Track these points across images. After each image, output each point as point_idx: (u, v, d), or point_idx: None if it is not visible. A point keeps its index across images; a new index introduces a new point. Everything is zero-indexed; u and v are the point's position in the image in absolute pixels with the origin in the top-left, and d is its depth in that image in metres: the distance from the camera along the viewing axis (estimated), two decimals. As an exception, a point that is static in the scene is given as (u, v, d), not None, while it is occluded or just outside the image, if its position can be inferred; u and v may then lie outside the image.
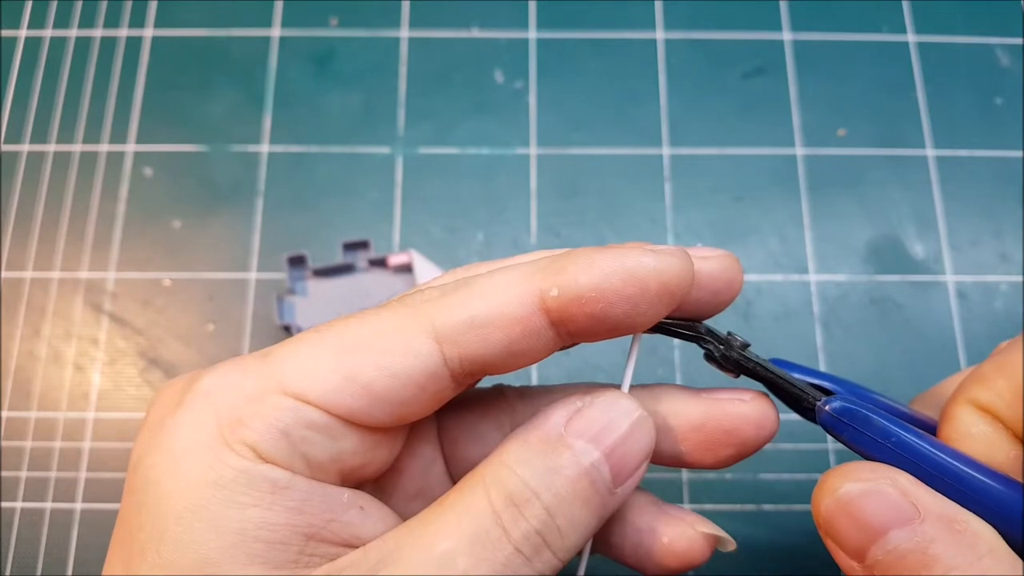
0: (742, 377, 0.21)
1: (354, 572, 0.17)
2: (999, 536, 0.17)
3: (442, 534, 0.17)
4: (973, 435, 0.19)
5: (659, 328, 0.20)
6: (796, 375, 0.21)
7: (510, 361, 0.18)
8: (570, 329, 0.18)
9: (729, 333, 0.20)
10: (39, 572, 0.32)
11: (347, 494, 0.18)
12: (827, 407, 0.19)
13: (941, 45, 0.40)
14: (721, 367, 0.21)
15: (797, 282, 0.36)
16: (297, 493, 0.17)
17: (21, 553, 0.32)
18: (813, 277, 0.36)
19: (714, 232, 0.37)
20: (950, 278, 0.36)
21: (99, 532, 0.32)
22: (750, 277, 0.36)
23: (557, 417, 0.18)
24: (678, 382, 0.34)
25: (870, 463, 0.18)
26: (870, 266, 0.36)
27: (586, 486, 0.17)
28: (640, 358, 0.35)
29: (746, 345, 0.20)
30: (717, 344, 0.20)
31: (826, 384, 0.21)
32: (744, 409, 0.20)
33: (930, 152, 0.38)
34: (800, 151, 0.38)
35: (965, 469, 0.18)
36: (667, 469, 0.33)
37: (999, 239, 0.37)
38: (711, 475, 0.33)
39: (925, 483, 0.18)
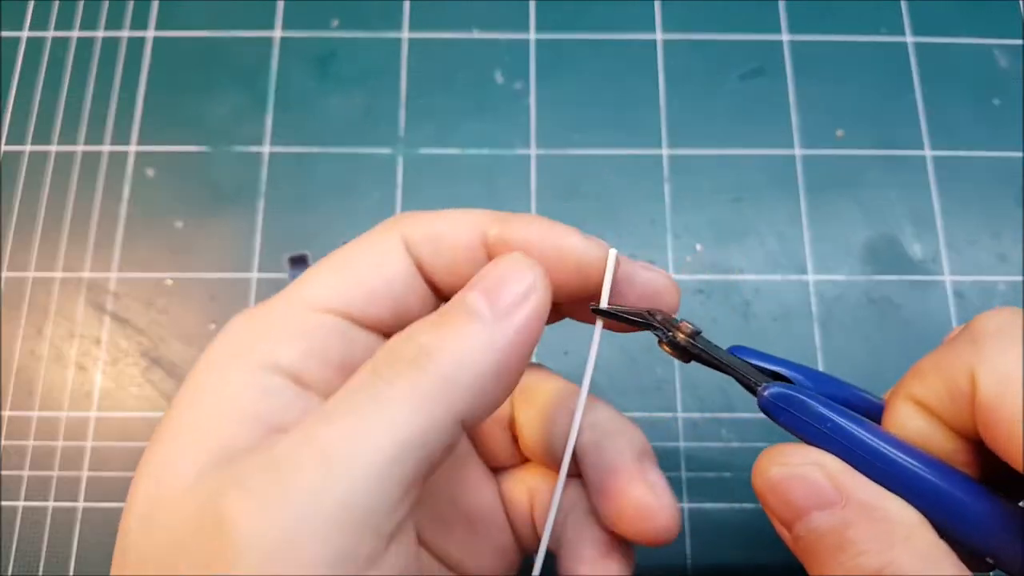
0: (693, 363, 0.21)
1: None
2: (924, 523, 0.18)
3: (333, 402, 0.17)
4: (909, 429, 0.19)
5: (610, 314, 0.21)
6: (753, 361, 0.21)
7: (451, 279, 0.21)
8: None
9: (682, 320, 0.21)
10: (41, 571, 0.32)
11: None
12: (765, 392, 0.20)
13: (939, 46, 0.40)
14: (672, 353, 0.21)
15: (795, 282, 0.36)
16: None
17: (23, 552, 0.32)
18: (811, 277, 0.36)
19: (713, 232, 0.37)
20: (948, 278, 0.36)
21: (101, 531, 0.32)
22: (749, 277, 0.36)
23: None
24: (677, 381, 0.35)
25: (803, 447, 0.19)
26: (868, 266, 0.36)
27: (462, 317, 0.18)
28: (639, 357, 0.35)
29: (696, 332, 0.21)
30: (666, 331, 0.21)
31: (783, 371, 0.21)
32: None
33: (928, 153, 0.38)
34: (798, 152, 0.38)
35: (896, 454, 0.19)
36: (666, 469, 0.33)
37: (997, 239, 0.37)
38: (710, 474, 0.33)
39: (859, 468, 0.19)
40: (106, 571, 0.32)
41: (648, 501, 0.20)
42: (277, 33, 0.40)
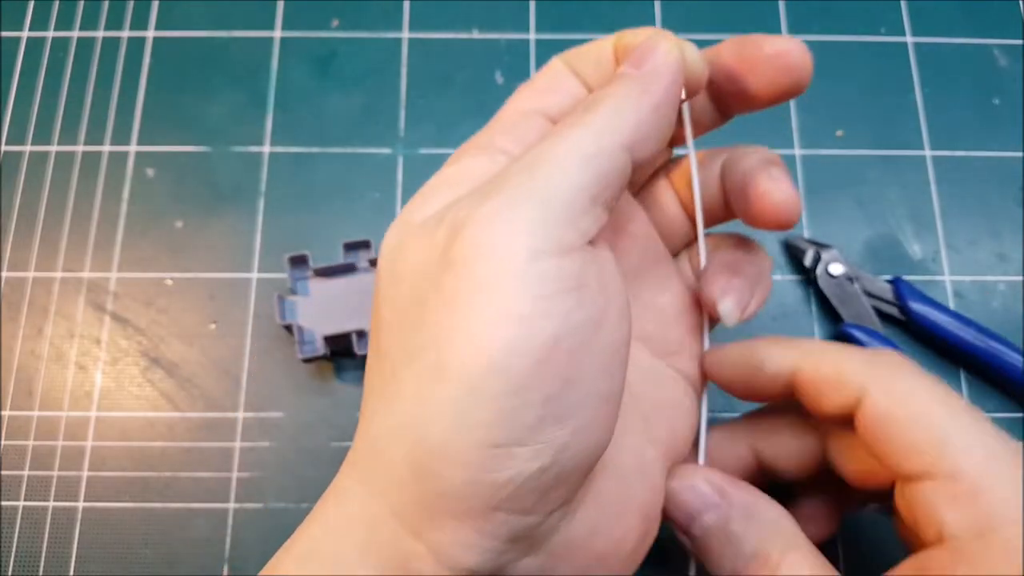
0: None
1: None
2: (787, 516, 0.23)
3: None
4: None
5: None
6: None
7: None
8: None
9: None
10: (41, 571, 0.32)
11: None
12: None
13: (939, 46, 0.40)
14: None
15: (795, 282, 0.36)
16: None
17: (23, 552, 0.32)
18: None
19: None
20: (948, 278, 0.36)
21: (101, 531, 0.32)
22: (749, 277, 0.36)
23: None
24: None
25: (692, 467, 0.25)
26: (868, 266, 0.36)
27: (616, 78, 0.21)
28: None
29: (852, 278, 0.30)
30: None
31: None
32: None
33: (928, 152, 0.38)
34: (798, 151, 0.38)
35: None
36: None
37: (997, 239, 0.37)
38: (710, 474, 0.33)
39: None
40: (106, 571, 0.32)
41: (770, 187, 0.23)
42: (277, 33, 0.40)
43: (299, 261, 0.34)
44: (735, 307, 0.24)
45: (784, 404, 0.26)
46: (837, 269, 0.35)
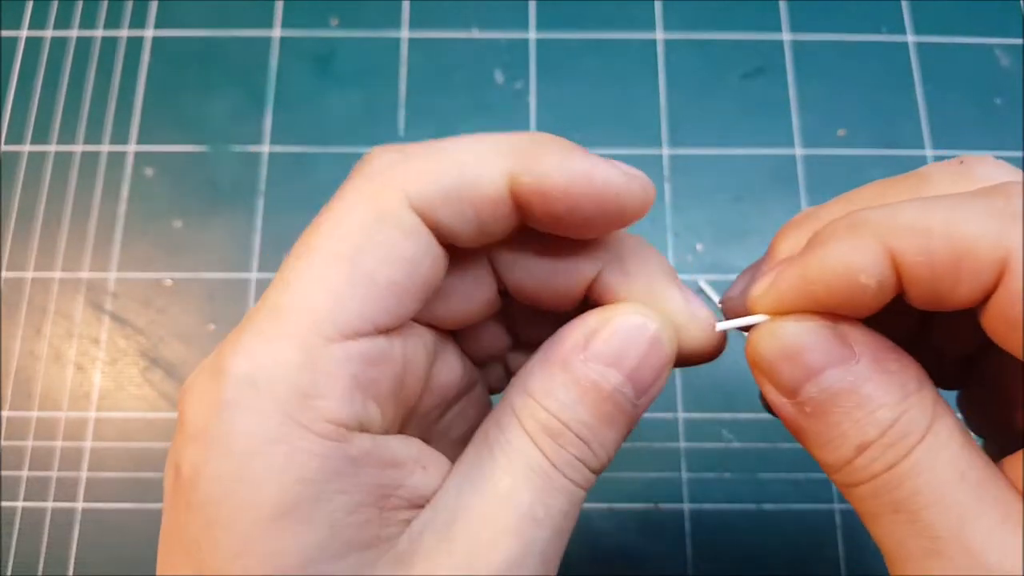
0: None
1: (434, 533, 0.17)
2: (925, 374, 0.17)
3: (498, 473, 0.17)
4: (856, 264, 0.16)
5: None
6: None
7: (478, 239, 0.18)
8: (526, 216, 0.18)
9: None
10: (40, 572, 0.32)
11: (414, 448, 0.18)
12: None
13: (940, 45, 0.40)
14: None
15: (797, 282, 0.36)
16: (373, 463, 0.17)
17: (22, 553, 0.32)
18: (813, 277, 0.36)
19: (713, 232, 0.37)
20: (949, 278, 0.36)
21: (100, 532, 0.32)
22: (750, 277, 0.36)
23: (573, 341, 0.18)
24: (678, 381, 0.35)
25: (798, 316, 0.18)
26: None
27: (611, 409, 0.18)
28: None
29: None
30: None
31: None
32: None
33: (929, 152, 0.38)
34: (800, 151, 0.38)
35: None
36: (666, 469, 0.33)
37: (998, 239, 0.37)
38: (710, 475, 0.33)
39: None
40: (105, 572, 0.32)
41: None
42: (276, 32, 0.40)
43: (298, 261, 0.34)
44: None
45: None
46: None
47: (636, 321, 0.18)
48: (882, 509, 0.17)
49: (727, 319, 0.20)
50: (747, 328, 0.19)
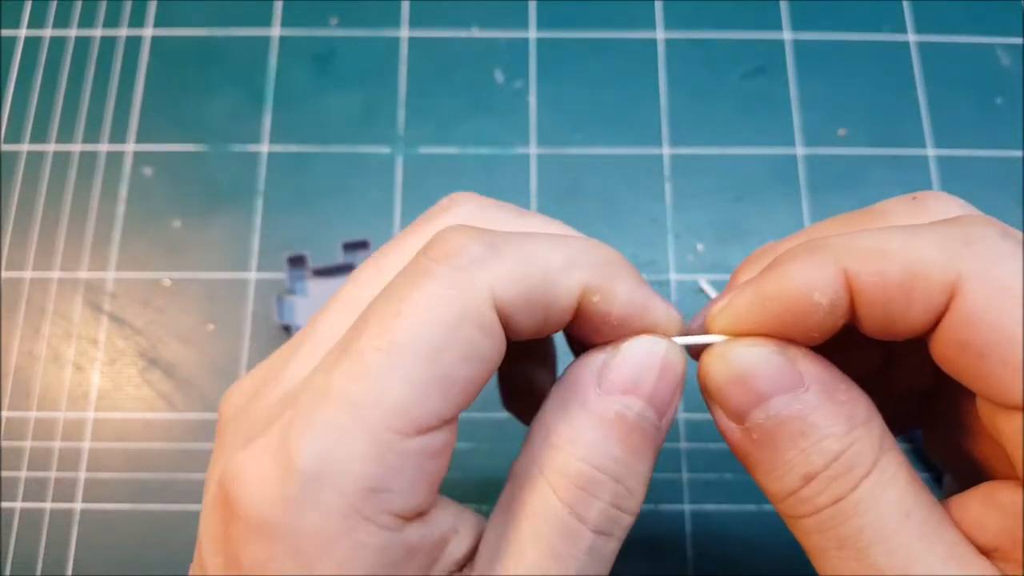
0: None
1: None
2: (875, 409, 0.17)
3: (525, 545, 0.17)
4: (808, 281, 0.17)
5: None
6: None
7: (535, 335, 0.18)
8: (573, 329, 0.18)
9: None
10: (38, 572, 0.32)
11: (450, 515, 0.18)
12: None
13: (941, 45, 0.40)
14: None
15: (797, 282, 0.36)
16: (426, 546, 0.17)
17: (21, 553, 0.32)
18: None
19: (714, 232, 0.37)
20: (950, 278, 0.36)
21: (99, 532, 0.32)
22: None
23: (587, 378, 0.18)
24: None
25: (752, 339, 0.18)
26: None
27: (639, 438, 0.18)
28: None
29: None
30: None
31: None
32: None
33: (930, 152, 0.38)
34: (800, 151, 0.38)
35: None
36: (667, 470, 0.33)
37: (999, 239, 0.37)
38: (711, 475, 0.33)
39: None
40: (104, 573, 0.32)
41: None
42: (276, 31, 0.40)
43: (298, 261, 0.34)
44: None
45: None
46: None
47: (644, 344, 0.18)
48: (827, 544, 0.17)
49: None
50: (702, 348, 0.19)
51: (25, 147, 0.38)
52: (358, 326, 0.17)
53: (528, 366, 0.25)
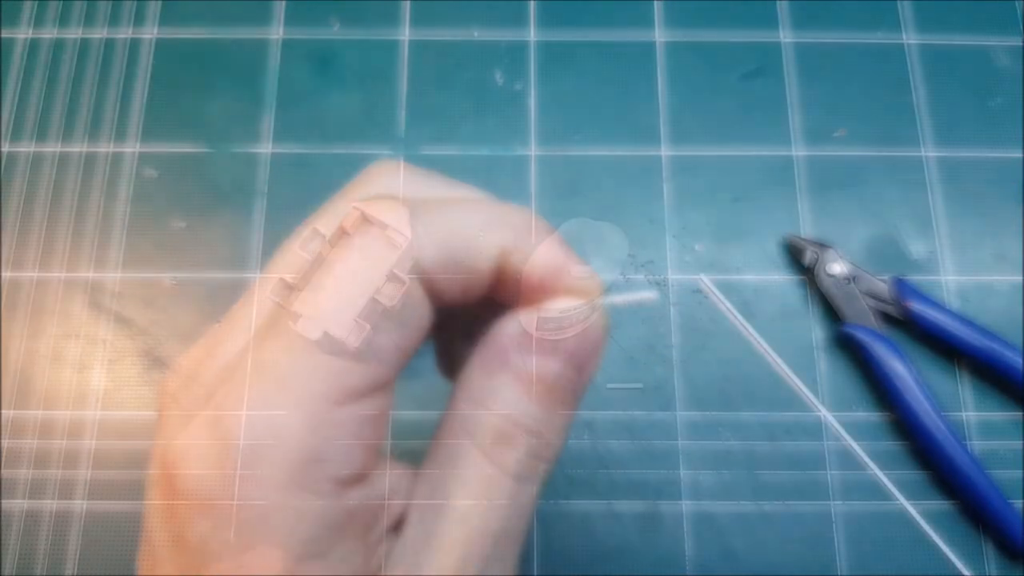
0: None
1: (405, 568, 0.17)
2: None
3: (451, 496, 0.18)
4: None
5: None
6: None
7: (458, 301, 0.19)
8: (497, 294, 0.19)
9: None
10: (40, 571, 0.32)
11: (392, 482, 0.19)
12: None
13: (940, 46, 0.40)
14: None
15: (795, 282, 0.36)
16: (366, 507, 0.18)
17: (22, 552, 0.32)
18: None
19: (713, 232, 0.37)
20: (948, 278, 0.36)
21: (101, 531, 0.32)
22: (749, 277, 0.36)
23: (508, 339, 0.19)
24: (677, 381, 0.35)
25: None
26: (868, 266, 0.36)
27: (557, 395, 0.19)
28: (639, 357, 0.35)
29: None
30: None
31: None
32: None
33: (929, 152, 0.38)
34: (798, 151, 0.38)
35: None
36: (666, 469, 0.33)
37: (997, 239, 0.37)
38: (711, 475, 0.33)
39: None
40: (106, 572, 0.32)
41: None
42: (277, 33, 0.40)
43: (299, 261, 0.34)
44: None
45: None
46: (837, 269, 0.35)
47: (564, 306, 0.19)
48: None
49: None
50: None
51: (28, 148, 0.38)
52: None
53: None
